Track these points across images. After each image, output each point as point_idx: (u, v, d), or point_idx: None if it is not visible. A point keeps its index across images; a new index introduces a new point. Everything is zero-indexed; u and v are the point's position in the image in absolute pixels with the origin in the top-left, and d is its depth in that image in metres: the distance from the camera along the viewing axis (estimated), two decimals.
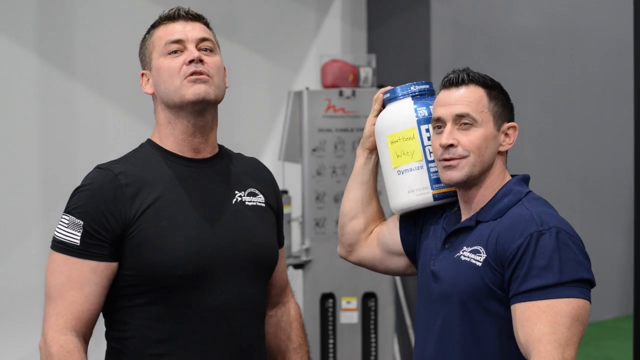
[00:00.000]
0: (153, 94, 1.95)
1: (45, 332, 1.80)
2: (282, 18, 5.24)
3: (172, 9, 1.96)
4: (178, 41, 1.90)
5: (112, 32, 4.56)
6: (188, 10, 1.95)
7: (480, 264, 1.84)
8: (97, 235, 1.81)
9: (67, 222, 1.83)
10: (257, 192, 2.02)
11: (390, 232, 2.13)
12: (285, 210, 4.47)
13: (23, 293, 4.29)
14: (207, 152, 1.96)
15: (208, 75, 1.89)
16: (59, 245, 1.84)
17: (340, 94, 4.45)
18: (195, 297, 1.85)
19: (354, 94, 4.45)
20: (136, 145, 1.98)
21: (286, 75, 5.25)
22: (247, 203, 1.98)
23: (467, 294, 1.85)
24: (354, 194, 2.17)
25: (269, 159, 5.10)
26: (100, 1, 4.58)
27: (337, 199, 4.43)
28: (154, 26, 1.97)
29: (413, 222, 2.09)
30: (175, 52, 1.90)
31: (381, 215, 2.19)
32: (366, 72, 4.61)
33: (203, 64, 1.89)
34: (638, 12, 3.09)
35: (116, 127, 4.53)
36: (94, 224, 1.81)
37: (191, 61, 1.88)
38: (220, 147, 2.02)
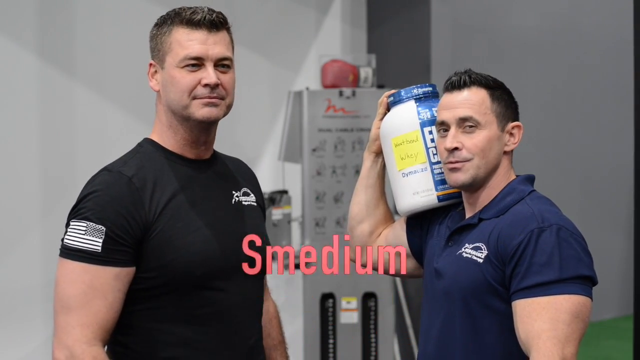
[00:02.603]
0: (158, 92, 1.92)
1: (70, 344, 1.73)
2: (282, 18, 5.24)
3: (197, 12, 1.86)
4: (197, 58, 1.85)
5: (112, 32, 4.56)
6: (214, 18, 1.87)
7: (481, 260, 1.85)
8: (120, 240, 1.77)
9: (84, 228, 1.77)
10: (249, 191, 2.04)
11: (398, 235, 2.14)
12: (285, 210, 4.48)
13: (23, 293, 4.29)
14: (206, 155, 1.97)
15: (222, 99, 1.88)
16: (75, 254, 1.76)
17: (340, 94, 4.45)
18: (208, 297, 1.86)
19: (354, 94, 4.45)
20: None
21: (286, 75, 5.25)
22: (243, 203, 2.01)
23: (469, 290, 1.86)
24: (361, 197, 2.18)
25: (269, 159, 5.10)
26: (100, 1, 4.58)
27: (337, 199, 4.43)
28: (174, 21, 1.87)
29: (419, 223, 2.10)
30: (192, 65, 1.85)
31: (389, 218, 2.20)
32: (366, 72, 4.61)
33: (218, 87, 1.86)
34: (638, 12, 3.09)
35: (116, 127, 4.53)
36: (116, 229, 1.77)
37: (207, 84, 1.85)
38: None
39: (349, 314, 4.46)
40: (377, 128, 2.12)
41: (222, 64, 1.89)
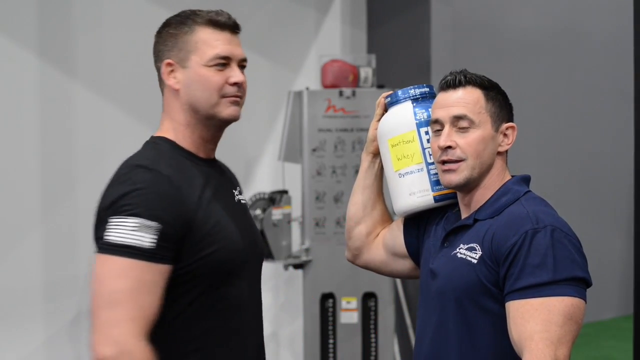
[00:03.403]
0: (177, 91, 1.93)
1: (120, 339, 1.71)
2: (282, 18, 5.24)
3: (220, 14, 1.93)
4: (225, 57, 1.91)
5: (112, 32, 4.56)
6: (234, 22, 1.95)
7: (475, 261, 1.85)
8: (170, 237, 1.78)
9: (134, 224, 1.75)
10: (242, 191, 2.10)
11: (395, 236, 2.14)
12: (285, 210, 4.47)
13: (23, 293, 4.29)
14: (213, 154, 2.02)
15: (242, 98, 1.95)
16: (123, 249, 1.74)
17: (340, 94, 4.45)
18: (230, 292, 1.89)
19: (354, 94, 4.45)
20: (136, 146, 1.96)
21: (286, 75, 5.25)
22: (242, 201, 2.06)
23: (462, 290, 1.86)
24: (359, 198, 2.19)
25: (269, 159, 5.10)
26: (100, 1, 4.58)
27: (337, 199, 4.43)
28: (196, 21, 1.92)
29: (416, 224, 2.11)
30: (220, 64, 1.91)
31: (387, 219, 2.21)
32: (366, 72, 4.60)
33: (242, 87, 1.93)
34: (638, 12, 3.09)
35: (116, 128, 4.53)
36: (167, 226, 1.77)
37: (235, 83, 1.91)
38: None
39: (349, 314, 4.46)
40: (374, 129, 2.13)
41: (242, 65, 1.95)
